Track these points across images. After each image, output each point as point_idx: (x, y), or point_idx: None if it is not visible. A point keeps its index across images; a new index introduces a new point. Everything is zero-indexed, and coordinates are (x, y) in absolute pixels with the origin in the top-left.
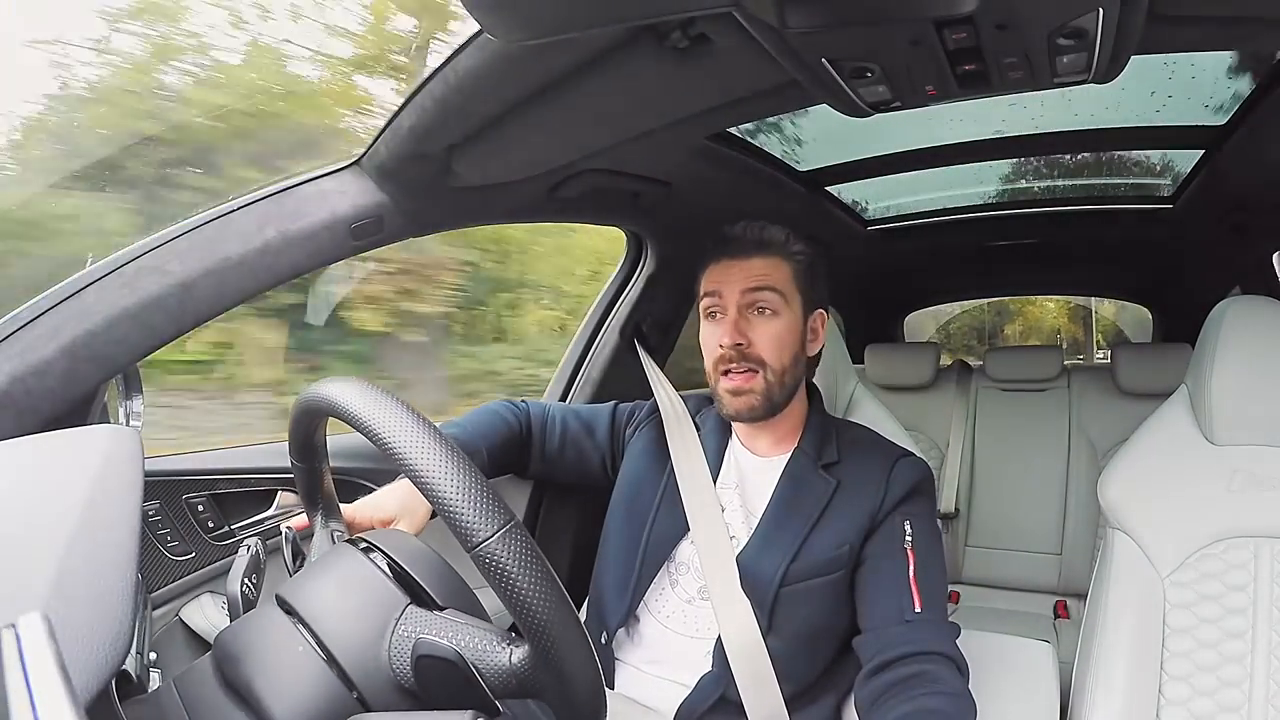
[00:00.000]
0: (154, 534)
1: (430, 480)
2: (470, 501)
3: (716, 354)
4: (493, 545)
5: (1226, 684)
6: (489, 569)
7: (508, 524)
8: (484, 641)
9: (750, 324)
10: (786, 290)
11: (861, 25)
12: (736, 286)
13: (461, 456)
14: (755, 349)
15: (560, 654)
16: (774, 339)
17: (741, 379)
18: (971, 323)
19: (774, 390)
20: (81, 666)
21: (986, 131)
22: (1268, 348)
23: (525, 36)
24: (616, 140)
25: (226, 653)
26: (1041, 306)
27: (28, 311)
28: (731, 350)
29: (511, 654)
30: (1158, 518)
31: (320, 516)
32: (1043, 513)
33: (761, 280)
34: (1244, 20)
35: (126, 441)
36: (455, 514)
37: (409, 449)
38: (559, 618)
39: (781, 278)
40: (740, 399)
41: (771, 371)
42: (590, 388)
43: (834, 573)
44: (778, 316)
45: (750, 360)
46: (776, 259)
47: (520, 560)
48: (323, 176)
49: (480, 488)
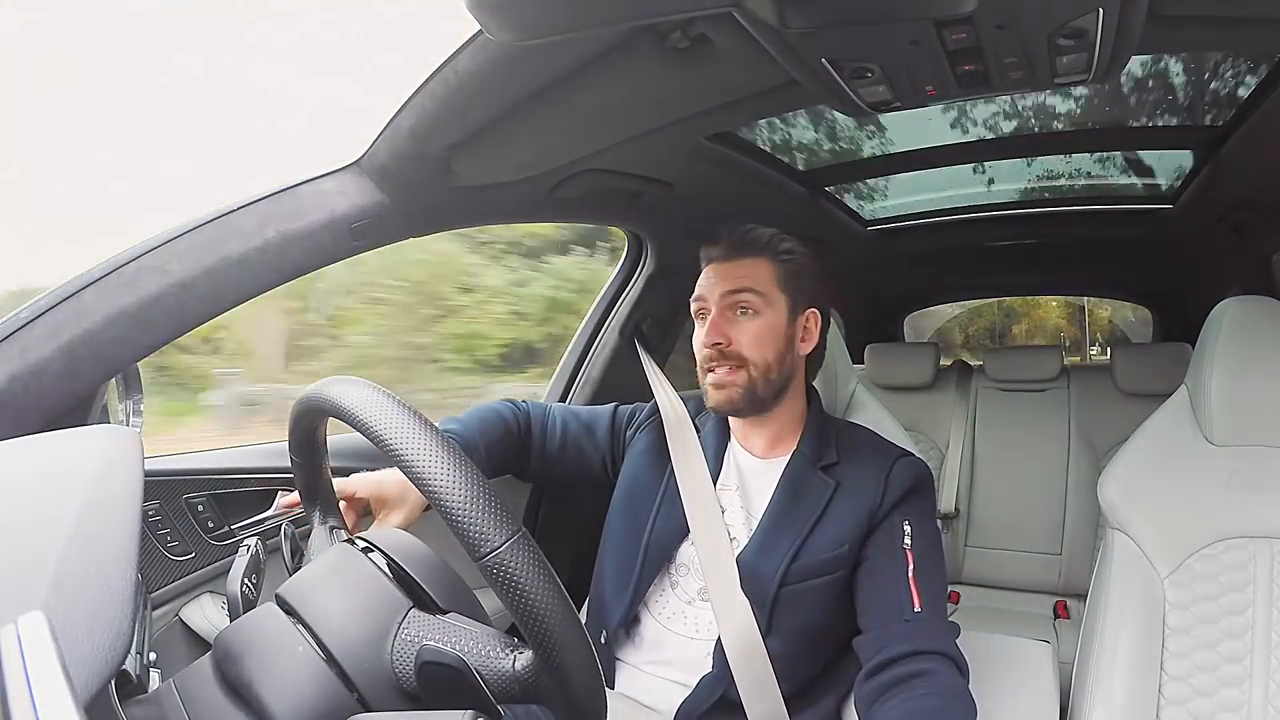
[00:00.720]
0: (154, 534)
1: (438, 489)
2: (478, 512)
3: (702, 354)
4: (501, 556)
5: (1226, 684)
6: (497, 579)
7: (515, 534)
8: (487, 647)
9: (731, 324)
10: (767, 290)
11: (861, 25)
12: (718, 290)
13: (469, 464)
14: (735, 347)
15: (564, 662)
16: (754, 336)
17: (724, 374)
18: (986, 325)
19: (757, 385)
20: (81, 666)
21: (986, 132)
22: (1268, 348)
23: (525, 36)
24: (616, 140)
25: (226, 652)
26: (1046, 308)
27: (27, 311)
28: (712, 349)
29: (515, 660)
30: (1157, 518)
31: (319, 514)
32: (1043, 513)
33: (740, 282)
34: (1244, 20)
35: (126, 441)
36: (463, 523)
37: (415, 455)
38: (564, 627)
39: (762, 278)
40: (721, 392)
41: (754, 367)
42: (590, 388)
43: (833, 573)
44: (759, 316)
45: (730, 358)
46: (759, 259)
47: (528, 571)
48: (323, 176)
49: (488, 497)
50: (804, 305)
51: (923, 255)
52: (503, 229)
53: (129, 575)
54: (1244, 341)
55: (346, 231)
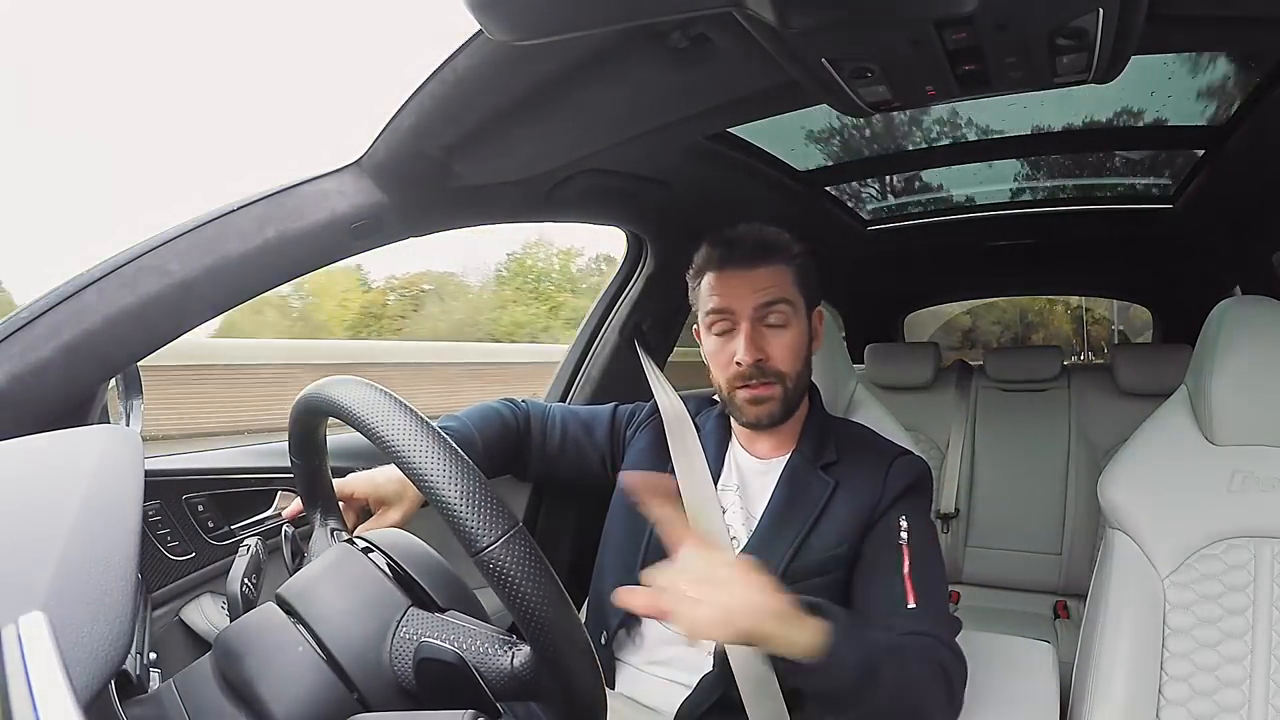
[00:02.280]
0: (154, 534)
1: (435, 484)
2: (474, 507)
3: (732, 370)
4: (496, 551)
5: (1226, 684)
6: (493, 574)
7: (511, 529)
8: (486, 644)
9: (765, 338)
10: (794, 299)
11: (861, 25)
12: (748, 303)
13: (465, 461)
14: (773, 363)
15: (562, 658)
16: (789, 350)
17: (762, 389)
18: (1013, 336)
19: (791, 396)
20: (81, 666)
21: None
22: (1268, 348)
23: (525, 36)
24: (616, 140)
25: (226, 652)
26: (1056, 314)
27: (27, 312)
28: (751, 368)
29: (513, 657)
30: (1158, 518)
31: (319, 514)
32: (1043, 513)
33: (771, 294)
34: (1244, 20)
35: (126, 441)
36: (459, 519)
37: (413, 452)
38: (561, 622)
39: (787, 286)
40: (761, 407)
41: (789, 380)
42: (590, 388)
43: (833, 572)
44: (789, 328)
45: (769, 374)
46: (780, 266)
47: (523, 566)
48: (323, 176)
49: (484, 493)
50: (813, 304)
51: (923, 255)
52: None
53: (129, 575)
54: (1244, 341)
55: (346, 231)
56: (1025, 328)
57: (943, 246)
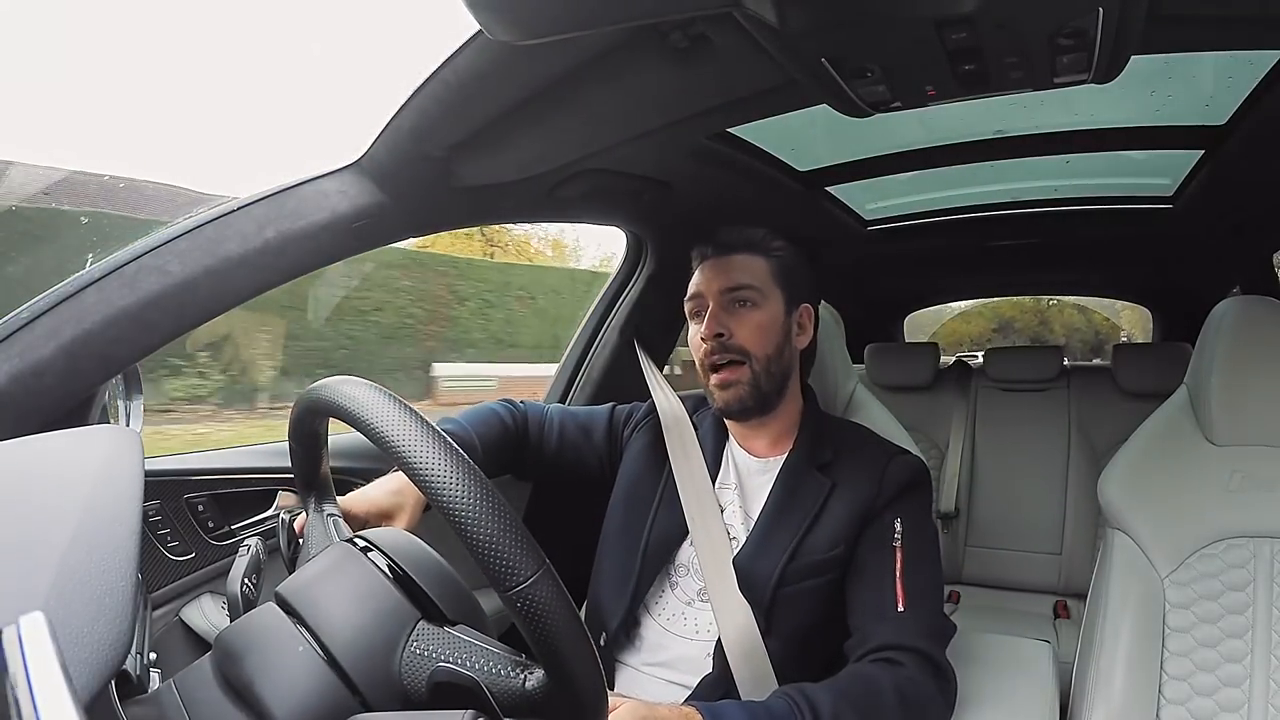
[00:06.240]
0: (154, 534)
1: (468, 521)
2: (507, 545)
3: (702, 350)
4: (527, 590)
5: (1226, 684)
6: (521, 612)
7: (540, 568)
8: (499, 665)
9: (731, 316)
10: (764, 284)
11: (861, 25)
12: (715, 286)
13: (498, 496)
14: (736, 339)
15: (577, 686)
16: (755, 328)
17: (728, 372)
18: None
19: (761, 380)
20: (82, 666)
21: (986, 131)
22: (1268, 348)
23: (525, 36)
24: (616, 140)
25: (226, 652)
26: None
27: (27, 312)
28: (714, 341)
29: (525, 680)
30: (1157, 517)
31: (314, 500)
32: (1043, 513)
33: (737, 278)
34: (1244, 20)
35: (126, 441)
36: (491, 557)
37: (449, 488)
38: (582, 657)
39: (758, 273)
40: (729, 391)
41: (756, 361)
42: (590, 388)
43: (830, 573)
44: (757, 308)
45: (732, 350)
46: (752, 256)
47: (553, 605)
48: (323, 177)
49: (516, 530)
50: (798, 300)
51: (923, 255)
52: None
53: (129, 575)
54: (1244, 341)
55: (347, 232)
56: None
57: (943, 246)
